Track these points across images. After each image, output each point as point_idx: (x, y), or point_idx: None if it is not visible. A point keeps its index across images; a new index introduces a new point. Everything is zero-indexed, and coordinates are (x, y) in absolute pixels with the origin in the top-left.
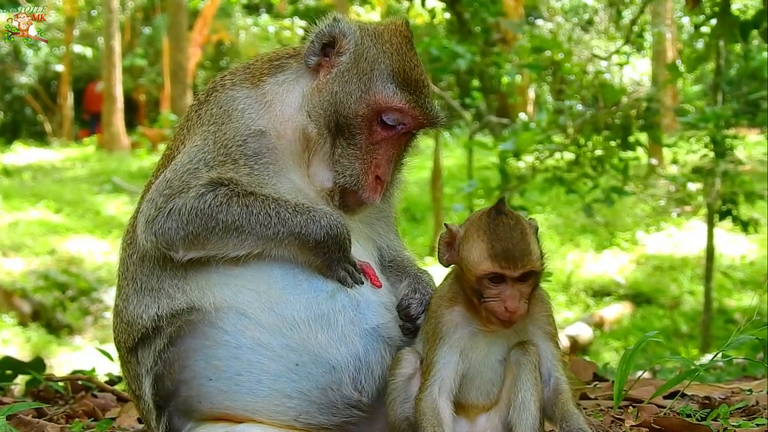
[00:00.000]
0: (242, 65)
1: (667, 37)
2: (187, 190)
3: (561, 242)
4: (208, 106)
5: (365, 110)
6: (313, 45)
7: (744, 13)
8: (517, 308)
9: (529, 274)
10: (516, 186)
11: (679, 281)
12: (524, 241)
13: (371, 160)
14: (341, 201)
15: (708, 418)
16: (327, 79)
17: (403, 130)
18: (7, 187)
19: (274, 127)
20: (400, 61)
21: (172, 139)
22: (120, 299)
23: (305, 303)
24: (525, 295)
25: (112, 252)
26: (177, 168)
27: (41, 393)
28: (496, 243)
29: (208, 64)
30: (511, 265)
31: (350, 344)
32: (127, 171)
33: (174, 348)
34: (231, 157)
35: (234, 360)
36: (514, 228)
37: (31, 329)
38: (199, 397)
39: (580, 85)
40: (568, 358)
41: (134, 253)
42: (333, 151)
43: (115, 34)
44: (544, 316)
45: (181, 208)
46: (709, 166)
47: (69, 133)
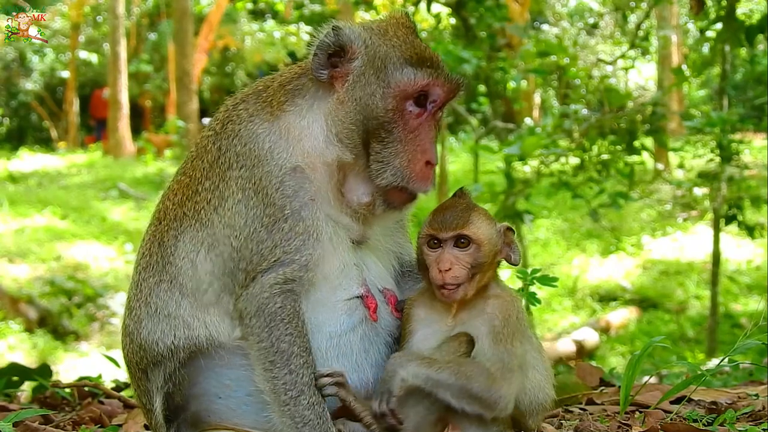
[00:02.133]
0: (253, 91)
1: (672, 42)
2: (263, 276)
3: (567, 247)
4: (229, 141)
5: (393, 102)
6: (319, 58)
7: (749, 17)
8: (450, 271)
9: (465, 241)
10: (521, 190)
11: (685, 286)
12: (463, 211)
13: (415, 148)
14: (386, 205)
15: (714, 423)
16: (346, 87)
17: (434, 108)
18: (13, 194)
19: (306, 162)
20: (409, 48)
21: (190, 168)
22: (131, 320)
23: (327, 334)
24: (463, 263)
25: (117, 258)
26: (239, 234)
27: (48, 399)
28: (436, 211)
29: (214, 70)
30: (442, 227)
31: (362, 373)
32: (132, 177)
33: (185, 369)
34: (275, 208)
35: (245, 381)
36: (459, 203)
37: (37, 335)
38: (208, 412)
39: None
40: (574, 363)
41: (151, 276)
42: (368, 160)
43: (120, 40)
44: (497, 314)
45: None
46: (715, 170)
47: (75, 139)
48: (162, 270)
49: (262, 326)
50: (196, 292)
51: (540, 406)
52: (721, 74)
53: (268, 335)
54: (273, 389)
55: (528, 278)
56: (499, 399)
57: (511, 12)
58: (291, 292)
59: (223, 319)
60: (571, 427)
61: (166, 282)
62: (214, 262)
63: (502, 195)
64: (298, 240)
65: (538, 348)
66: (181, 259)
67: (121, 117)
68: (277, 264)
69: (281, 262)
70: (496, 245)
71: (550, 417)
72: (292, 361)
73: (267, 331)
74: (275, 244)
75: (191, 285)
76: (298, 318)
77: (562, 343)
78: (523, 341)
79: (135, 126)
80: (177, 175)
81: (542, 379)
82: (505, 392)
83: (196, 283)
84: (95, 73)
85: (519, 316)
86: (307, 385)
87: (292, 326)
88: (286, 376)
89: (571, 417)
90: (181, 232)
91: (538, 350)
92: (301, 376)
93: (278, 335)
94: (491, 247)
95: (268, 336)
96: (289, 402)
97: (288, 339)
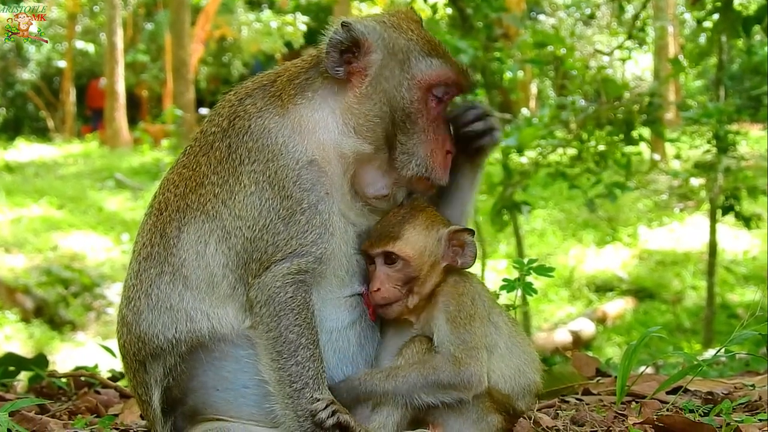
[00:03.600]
0: (258, 86)
1: (669, 32)
2: (276, 266)
3: (563, 237)
4: (239, 138)
5: (419, 93)
6: (333, 56)
7: (746, 8)
8: (378, 289)
9: (392, 258)
10: (518, 181)
11: (681, 276)
12: (396, 226)
13: (437, 138)
14: (409, 195)
15: (711, 414)
16: (368, 81)
17: (447, 100)
18: (10, 183)
19: (321, 155)
20: (426, 41)
21: (193, 162)
22: (129, 311)
23: (326, 329)
24: (393, 281)
25: (114, 248)
26: (252, 225)
27: (44, 389)
28: (375, 224)
29: (211, 60)
30: (369, 244)
31: (356, 366)
32: (129, 167)
33: (185, 363)
34: (292, 201)
35: (243, 373)
36: (398, 214)
37: (33, 325)
38: (206, 405)
39: (582, 80)
40: (570, 353)
41: (152, 267)
42: (392, 152)
43: (117, 30)
44: (450, 300)
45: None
46: (712, 161)
47: (71, 129)
48: (164, 261)
49: (272, 315)
50: (206, 284)
51: (524, 389)
52: (718, 65)
53: (277, 324)
54: (278, 380)
55: (524, 269)
56: (471, 377)
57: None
58: (303, 283)
59: (233, 310)
60: (567, 417)
61: (168, 274)
62: (227, 255)
63: (499, 186)
64: (315, 233)
65: (513, 332)
66: (185, 251)
67: (117, 107)
68: (291, 255)
69: (296, 254)
70: (434, 255)
71: (546, 407)
72: (299, 352)
73: (276, 320)
74: (291, 236)
75: (198, 277)
76: (307, 309)
77: (559, 334)
78: (485, 323)
79: (132, 116)
80: (177, 167)
81: (522, 363)
82: (474, 370)
83: (207, 276)
84: (92, 63)
85: (475, 299)
86: (313, 379)
87: (301, 317)
88: (293, 368)
89: (567, 407)
90: (184, 224)
91: (513, 334)
92: (307, 369)
93: (287, 325)
94: (425, 259)
95: (277, 325)
96: (293, 394)
97: (297, 330)
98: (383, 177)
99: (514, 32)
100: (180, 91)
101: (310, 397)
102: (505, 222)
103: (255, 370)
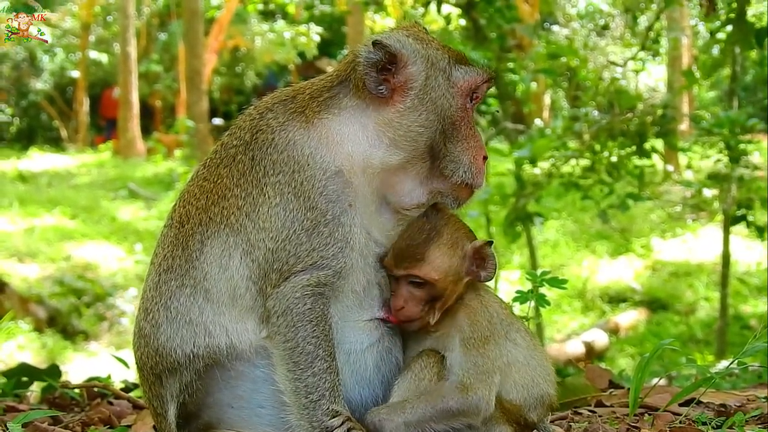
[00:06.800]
0: (278, 100)
1: (682, 44)
2: (296, 276)
3: (576, 248)
4: (263, 151)
5: (462, 100)
6: (371, 76)
7: (759, 20)
8: (401, 308)
9: (417, 280)
10: (531, 192)
11: (694, 287)
12: (422, 246)
13: (476, 143)
14: (453, 202)
15: (723, 426)
16: (413, 94)
17: (476, 103)
18: (23, 193)
19: (347, 167)
20: (450, 49)
21: (214, 175)
22: (148, 323)
23: (344, 351)
24: (418, 300)
25: (127, 258)
26: (276, 236)
27: (57, 400)
28: (398, 239)
29: (224, 70)
30: (394, 263)
31: (373, 389)
32: (142, 177)
33: (201, 381)
34: (317, 212)
35: (258, 393)
36: (422, 231)
37: (46, 335)
38: (220, 421)
39: (595, 91)
40: (583, 365)
41: (173, 279)
42: (436, 161)
43: (130, 39)
44: (465, 322)
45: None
46: (725, 171)
47: (85, 139)
48: (185, 274)
49: (289, 326)
50: (229, 297)
51: (537, 400)
52: (731, 76)
53: (294, 335)
54: (294, 390)
55: (537, 280)
56: (479, 402)
57: (521, 13)
58: (321, 296)
59: (252, 323)
60: (580, 429)
61: (189, 287)
62: (251, 268)
63: (512, 197)
64: (336, 246)
65: (531, 345)
66: (208, 264)
67: (131, 117)
68: (312, 267)
69: (316, 266)
70: (458, 273)
71: (559, 419)
72: (315, 363)
73: (293, 330)
74: (313, 247)
75: (220, 290)
76: (325, 322)
77: (572, 345)
78: (501, 342)
79: (145, 126)
80: (197, 180)
81: (536, 375)
82: (482, 394)
83: (230, 289)
84: (105, 73)
85: (492, 319)
86: (329, 391)
87: (318, 329)
88: (309, 379)
89: (580, 419)
90: (207, 237)
91: (531, 347)
92: (324, 381)
93: (304, 335)
94: (450, 278)
95: (294, 336)
96: (308, 405)
97: (314, 341)
98: (420, 186)
99: (528, 43)
100: (193, 101)
101: (327, 408)
102: (518, 233)
103: (271, 390)
